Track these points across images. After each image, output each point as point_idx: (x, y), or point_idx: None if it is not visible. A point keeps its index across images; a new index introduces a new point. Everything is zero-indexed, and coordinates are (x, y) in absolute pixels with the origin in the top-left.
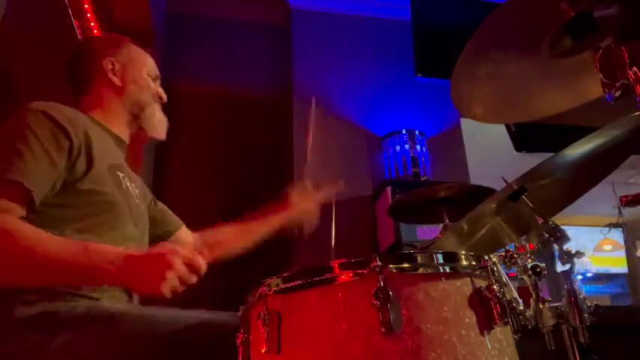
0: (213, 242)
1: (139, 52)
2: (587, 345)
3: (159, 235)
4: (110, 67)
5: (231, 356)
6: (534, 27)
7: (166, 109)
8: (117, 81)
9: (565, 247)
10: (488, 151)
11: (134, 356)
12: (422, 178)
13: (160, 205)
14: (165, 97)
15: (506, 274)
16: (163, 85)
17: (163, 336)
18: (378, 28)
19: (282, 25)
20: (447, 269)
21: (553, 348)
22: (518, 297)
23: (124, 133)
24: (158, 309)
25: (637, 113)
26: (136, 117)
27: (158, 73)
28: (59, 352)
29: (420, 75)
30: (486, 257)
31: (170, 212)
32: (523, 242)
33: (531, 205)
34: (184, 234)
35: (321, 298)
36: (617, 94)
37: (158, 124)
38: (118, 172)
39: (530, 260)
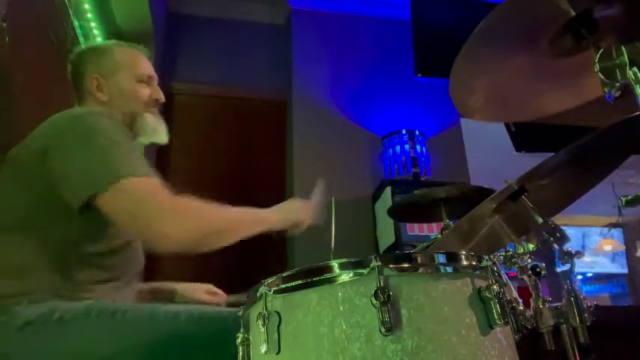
0: None
1: (127, 55)
2: (587, 345)
3: None
4: (95, 84)
5: (232, 350)
6: (535, 25)
7: (166, 109)
8: (102, 97)
9: (565, 247)
10: (489, 151)
11: (135, 352)
12: (422, 178)
13: None
14: (162, 97)
15: (506, 274)
16: (163, 86)
17: (164, 331)
18: (378, 28)
19: (282, 25)
20: (447, 269)
21: (553, 348)
22: (518, 297)
23: None
24: (159, 305)
25: (637, 113)
26: (130, 126)
27: (151, 73)
28: (61, 349)
29: (420, 75)
30: (486, 257)
31: None
32: (523, 242)
33: (531, 205)
34: None
35: (321, 298)
36: (617, 94)
37: (152, 132)
38: None
39: (530, 260)
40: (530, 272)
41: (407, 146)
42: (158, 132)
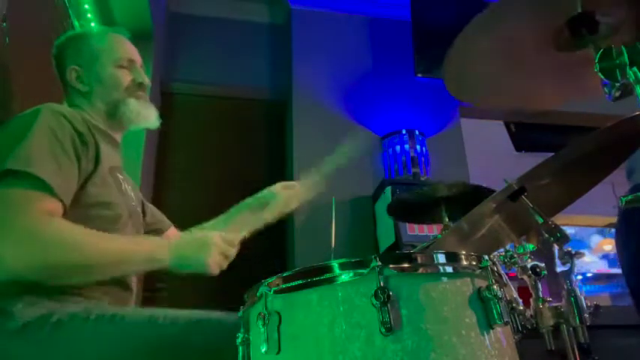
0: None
1: (105, 40)
2: (587, 345)
3: (150, 233)
4: (75, 75)
5: (231, 355)
6: (539, 14)
7: (166, 109)
8: (83, 88)
9: (565, 247)
10: (488, 151)
11: (134, 357)
12: (422, 178)
13: (150, 205)
14: (147, 81)
15: (506, 274)
16: (163, 86)
17: (163, 336)
18: (378, 28)
19: (282, 25)
20: (447, 269)
21: (553, 348)
22: (518, 297)
23: (113, 133)
24: (157, 309)
25: (637, 113)
26: (114, 115)
27: (132, 56)
28: (59, 353)
29: (419, 75)
30: (486, 257)
31: (159, 212)
32: (523, 242)
33: (531, 205)
34: (173, 233)
35: (321, 298)
36: (617, 94)
37: (137, 117)
38: (118, 175)
39: (530, 260)
40: (530, 272)
41: (407, 146)
42: (144, 116)
